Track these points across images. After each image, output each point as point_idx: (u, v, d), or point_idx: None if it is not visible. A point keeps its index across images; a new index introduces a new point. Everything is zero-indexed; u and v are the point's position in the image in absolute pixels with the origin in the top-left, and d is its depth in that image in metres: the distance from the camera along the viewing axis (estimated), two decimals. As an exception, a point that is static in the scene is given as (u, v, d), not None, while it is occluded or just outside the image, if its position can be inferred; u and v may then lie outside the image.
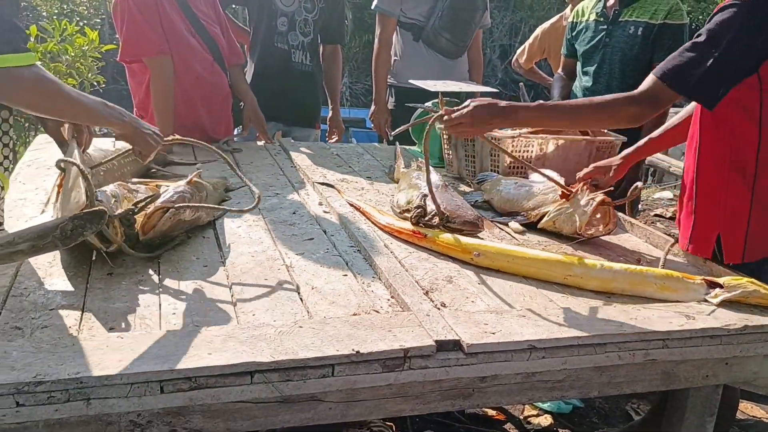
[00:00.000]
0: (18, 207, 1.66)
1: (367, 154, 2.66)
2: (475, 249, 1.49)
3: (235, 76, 2.66)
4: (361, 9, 15.69)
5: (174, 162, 2.20)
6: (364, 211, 1.80)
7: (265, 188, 2.03)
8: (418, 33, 3.06)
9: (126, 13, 2.24)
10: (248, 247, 1.52)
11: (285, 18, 2.83)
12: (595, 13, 2.63)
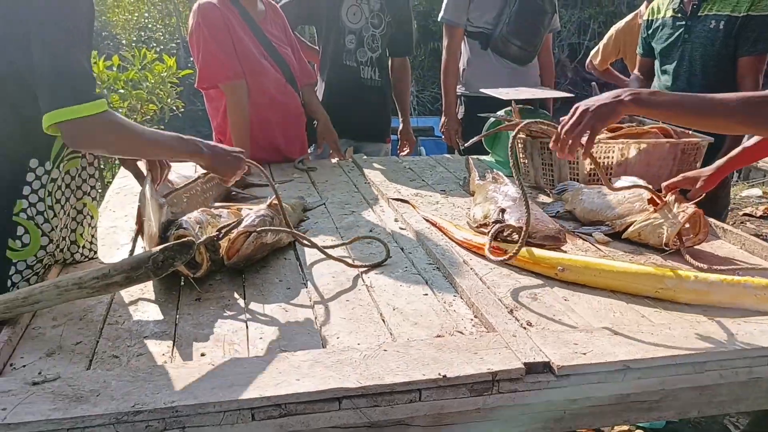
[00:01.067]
0: (110, 235, 1.74)
1: (439, 166, 2.64)
2: (559, 263, 1.45)
3: (307, 96, 2.70)
4: (426, 17, 15.72)
5: (253, 184, 2.25)
6: (441, 227, 1.78)
7: (341, 206, 2.04)
8: (486, 41, 3.03)
9: (201, 41, 2.32)
10: (328, 267, 1.53)
11: (353, 35, 2.86)
12: (672, 10, 2.53)
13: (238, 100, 2.39)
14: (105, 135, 1.28)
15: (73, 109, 1.21)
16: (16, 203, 1.33)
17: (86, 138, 1.26)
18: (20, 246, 1.33)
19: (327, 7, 2.85)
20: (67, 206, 1.45)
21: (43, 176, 1.36)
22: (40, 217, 1.36)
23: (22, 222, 1.33)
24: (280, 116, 2.55)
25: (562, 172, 2.05)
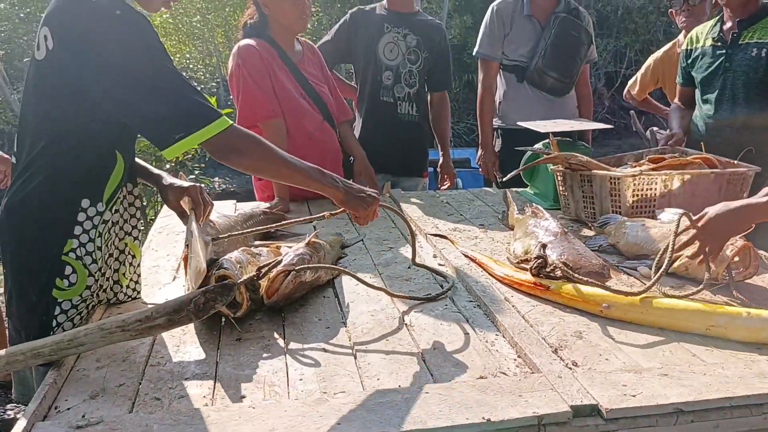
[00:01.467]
0: (152, 274, 1.77)
1: (477, 200, 2.62)
2: (604, 300, 1.41)
3: (344, 133, 2.73)
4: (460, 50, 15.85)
5: (290, 221, 2.26)
6: (480, 262, 1.76)
7: (378, 242, 2.04)
8: (521, 74, 3.03)
9: (241, 82, 2.37)
10: (367, 305, 1.52)
11: (390, 72, 2.89)
12: (711, 38, 2.49)
13: (277, 139, 2.42)
14: (247, 145, 1.34)
15: (210, 127, 1.27)
16: (67, 243, 1.36)
17: (231, 150, 1.32)
18: (67, 285, 1.36)
19: (364, 44, 2.89)
20: (111, 246, 1.48)
21: (95, 217, 1.39)
22: (88, 257, 1.39)
23: (71, 261, 1.36)
24: (317, 153, 2.57)
25: (604, 205, 2.01)
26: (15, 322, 1.39)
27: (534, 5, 2.99)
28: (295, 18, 2.41)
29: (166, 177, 1.69)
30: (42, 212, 1.35)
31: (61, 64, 1.30)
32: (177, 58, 15.75)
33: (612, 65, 18.28)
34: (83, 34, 1.27)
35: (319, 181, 1.45)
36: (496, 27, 3.01)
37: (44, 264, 1.35)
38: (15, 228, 1.36)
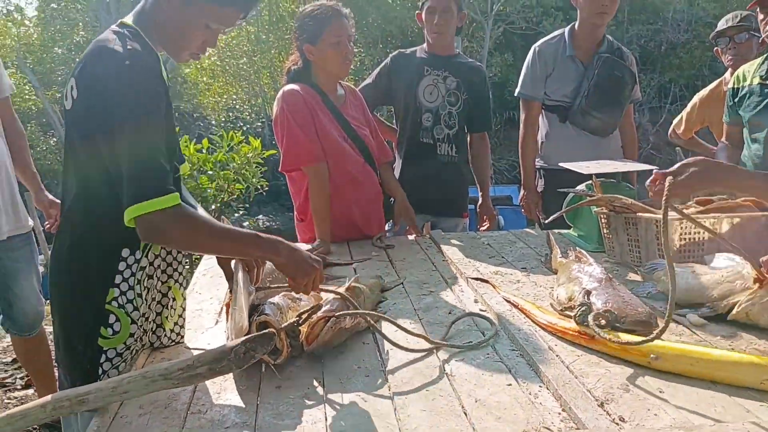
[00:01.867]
0: (196, 318, 1.79)
1: (519, 242, 2.59)
2: (652, 351, 1.36)
3: (384, 174, 2.75)
4: (501, 87, 15.92)
5: (332, 263, 2.28)
6: (523, 308, 1.73)
7: (419, 286, 2.03)
8: (564, 114, 3.01)
9: (285, 126, 2.42)
10: (407, 353, 1.50)
11: (429, 113, 2.92)
12: (759, 77, 2.44)
13: (320, 181, 2.46)
14: (175, 229, 1.30)
15: (143, 204, 1.25)
16: (109, 292, 1.39)
17: (158, 233, 1.30)
18: (111, 334, 1.39)
19: (404, 87, 2.93)
20: (153, 291, 1.50)
21: (134, 265, 1.42)
22: (129, 305, 1.41)
23: (114, 310, 1.39)
24: (358, 195, 2.60)
25: (650, 249, 1.96)
26: (63, 369, 1.42)
27: (577, 46, 2.99)
28: (338, 64, 2.46)
29: None
30: (85, 262, 1.39)
31: (82, 113, 1.34)
32: (224, 98, 16.26)
33: (656, 100, 18.08)
34: (96, 83, 1.31)
35: (260, 249, 1.44)
36: (539, 68, 3.01)
37: (89, 313, 1.38)
38: (62, 276, 1.41)
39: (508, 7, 17.21)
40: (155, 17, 1.42)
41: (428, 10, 2.86)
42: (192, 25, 1.42)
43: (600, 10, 2.88)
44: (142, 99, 1.30)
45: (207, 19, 1.41)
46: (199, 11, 1.40)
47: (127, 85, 1.29)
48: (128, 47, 1.33)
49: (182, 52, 1.48)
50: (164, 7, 1.40)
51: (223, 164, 4.37)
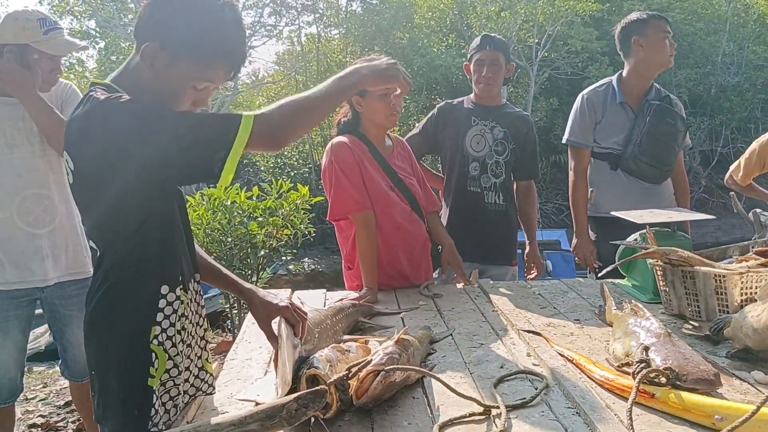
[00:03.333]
0: (245, 368, 1.79)
1: (571, 292, 2.54)
2: (716, 411, 1.30)
3: (432, 222, 2.75)
4: (547, 131, 15.91)
5: (379, 312, 2.27)
6: (578, 363, 1.68)
7: (468, 338, 1.99)
8: (615, 162, 2.98)
9: (334, 177, 2.46)
10: (458, 409, 1.46)
11: (476, 163, 2.92)
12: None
13: (367, 230, 2.48)
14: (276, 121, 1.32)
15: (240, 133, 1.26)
16: (151, 330, 1.37)
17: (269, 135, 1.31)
18: (154, 372, 1.37)
19: (451, 137, 2.96)
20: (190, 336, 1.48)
21: (175, 302, 1.41)
22: (168, 342, 1.39)
23: (154, 348, 1.37)
24: (405, 244, 2.61)
25: (709, 303, 1.89)
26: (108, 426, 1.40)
27: (627, 93, 2.97)
28: (386, 116, 2.51)
29: (258, 294, 1.66)
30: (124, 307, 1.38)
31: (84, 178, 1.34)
32: (271, 145, 16.64)
33: (707, 144, 17.77)
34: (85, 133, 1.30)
35: (343, 81, 1.43)
36: (587, 115, 3.00)
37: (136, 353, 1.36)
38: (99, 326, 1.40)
39: (553, 53, 17.30)
40: (140, 77, 1.38)
41: (476, 62, 2.91)
42: (178, 87, 1.38)
43: (672, 53, 2.88)
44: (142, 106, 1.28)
45: (192, 80, 1.38)
46: (184, 73, 1.36)
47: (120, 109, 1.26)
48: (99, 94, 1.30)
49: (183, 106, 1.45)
50: (148, 69, 1.36)
51: (273, 211, 4.45)
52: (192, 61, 1.35)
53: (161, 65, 1.35)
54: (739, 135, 18.01)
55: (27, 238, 2.48)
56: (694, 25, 18.13)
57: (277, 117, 1.33)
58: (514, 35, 16.51)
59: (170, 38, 1.33)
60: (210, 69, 1.38)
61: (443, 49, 17.37)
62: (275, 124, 1.33)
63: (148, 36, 1.35)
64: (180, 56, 1.34)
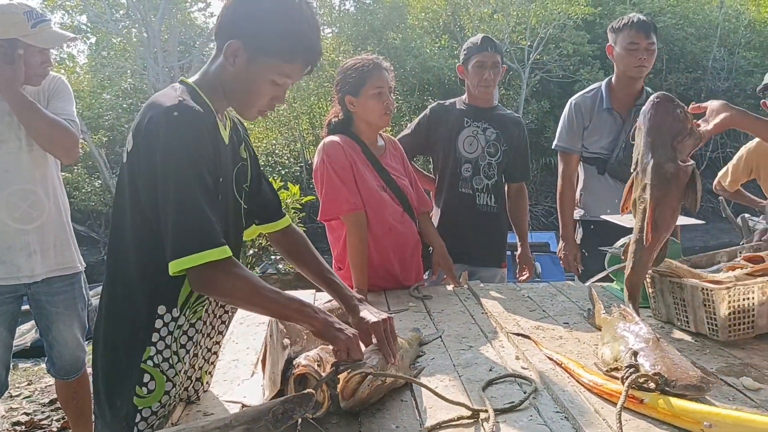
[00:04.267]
0: (232, 369, 1.78)
1: (560, 295, 2.54)
2: (705, 418, 1.30)
3: (423, 223, 2.75)
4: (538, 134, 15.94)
5: (369, 314, 2.25)
6: (566, 367, 1.67)
7: (458, 340, 1.99)
8: (602, 166, 2.99)
9: (326, 177, 2.45)
10: (446, 412, 1.46)
11: (469, 164, 2.92)
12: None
13: (358, 230, 2.47)
14: (227, 282, 1.29)
15: (196, 256, 1.25)
16: (146, 350, 1.37)
17: (210, 285, 1.29)
18: (146, 393, 1.37)
19: (444, 138, 2.95)
20: (198, 349, 1.48)
21: (170, 323, 1.39)
22: (165, 363, 1.39)
23: (149, 369, 1.37)
24: (397, 244, 2.60)
25: (698, 314, 1.89)
26: (100, 422, 1.41)
27: (614, 98, 2.98)
28: (378, 114, 2.50)
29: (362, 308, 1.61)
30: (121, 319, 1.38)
31: (134, 165, 1.35)
32: (264, 143, 16.61)
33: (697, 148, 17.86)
34: (146, 136, 1.31)
35: (300, 312, 1.39)
36: (575, 121, 3.01)
37: (125, 371, 1.37)
38: (101, 331, 1.41)
39: (545, 56, 17.35)
40: (222, 76, 1.43)
41: (476, 64, 2.88)
42: (258, 83, 1.41)
43: (637, 64, 2.87)
44: (189, 149, 1.29)
45: (272, 75, 1.41)
46: (264, 68, 1.40)
47: (173, 134, 1.28)
48: (179, 99, 1.33)
49: (250, 109, 1.47)
50: (230, 66, 1.40)
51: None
52: (272, 57, 1.39)
53: (242, 62, 1.39)
54: (728, 140, 18.13)
55: (14, 234, 2.45)
56: (686, 30, 18.22)
57: (229, 285, 1.30)
58: (507, 37, 16.54)
59: (252, 35, 1.37)
60: (289, 64, 1.41)
61: (436, 50, 17.38)
62: (224, 285, 1.30)
63: (230, 34, 1.39)
64: (261, 52, 1.38)
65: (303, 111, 15.62)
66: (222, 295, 1.37)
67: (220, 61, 1.42)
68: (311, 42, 1.43)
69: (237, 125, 1.58)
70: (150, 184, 1.30)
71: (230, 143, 1.48)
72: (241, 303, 1.41)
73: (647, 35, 2.85)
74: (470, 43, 2.96)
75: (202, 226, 1.27)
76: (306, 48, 1.42)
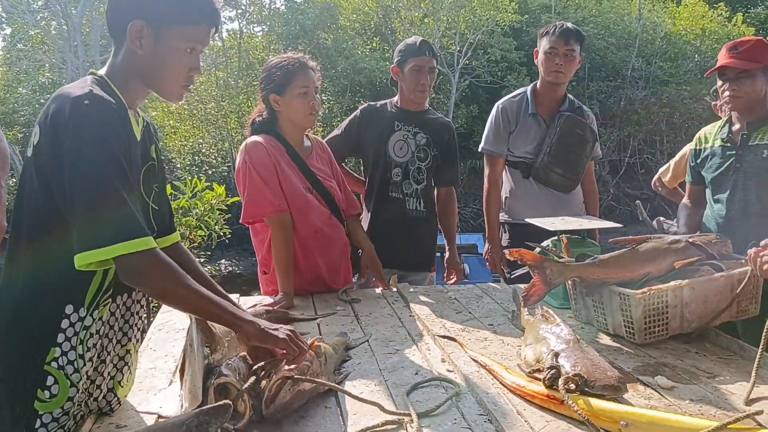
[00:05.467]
0: (148, 378, 1.70)
1: (486, 296, 2.57)
2: (622, 418, 1.33)
3: (352, 226, 2.72)
4: (467, 137, 16.20)
5: (295, 319, 2.21)
6: (491, 369, 1.69)
7: (385, 344, 1.97)
8: (527, 170, 3.04)
9: (248, 178, 2.38)
10: (371, 418, 1.44)
11: (399, 168, 2.91)
12: (720, 139, 2.50)
13: (283, 233, 2.41)
14: (155, 273, 1.28)
15: (118, 246, 1.22)
16: (50, 351, 1.29)
17: (138, 275, 1.27)
18: (48, 397, 1.29)
19: (374, 141, 2.93)
20: (104, 354, 1.41)
21: (77, 323, 1.32)
22: (70, 366, 1.32)
23: (53, 371, 1.30)
24: (324, 247, 2.56)
25: (615, 318, 1.95)
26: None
27: (539, 104, 3.04)
28: (303, 114, 2.45)
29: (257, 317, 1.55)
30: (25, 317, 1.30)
31: (41, 159, 1.29)
32: (190, 142, 16.17)
33: (616, 154, 18.60)
34: (53, 126, 1.27)
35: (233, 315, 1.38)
36: (501, 125, 3.05)
37: (26, 372, 1.29)
38: (7, 331, 1.32)
39: (474, 61, 17.66)
40: (133, 63, 1.40)
41: (414, 68, 2.85)
42: (171, 55, 1.39)
43: (554, 69, 2.94)
44: (101, 136, 1.25)
45: (182, 43, 1.39)
46: (172, 38, 1.38)
47: (84, 122, 1.25)
48: (89, 89, 1.29)
49: (173, 87, 1.45)
50: (138, 49, 1.38)
51: (186, 211, 4.29)
52: (176, 23, 1.38)
53: (149, 40, 1.37)
54: (646, 146, 18.98)
55: None
56: (607, 40, 18.93)
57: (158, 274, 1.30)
58: (437, 42, 16.73)
59: (149, 9, 1.36)
60: (194, 26, 1.40)
61: (368, 51, 17.39)
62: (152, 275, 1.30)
63: (127, 18, 1.36)
64: (164, 22, 1.37)
65: (231, 110, 15.30)
66: (151, 288, 1.34)
67: (126, 48, 1.39)
68: (209, 3, 1.42)
69: (150, 125, 1.54)
70: (60, 177, 1.25)
71: (142, 140, 1.44)
72: (170, 298, 1.37)
73: (566, 42, 2.92)
74: (407, 45, 2.92)
75: (124, 214, 1.25)
76: (204, 6, 1.41)
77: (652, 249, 2.02)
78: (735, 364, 1.78)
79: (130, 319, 1.47)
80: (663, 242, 2.05)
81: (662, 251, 2.01)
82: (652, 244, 2.03)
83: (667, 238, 2.08)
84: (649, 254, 2.01)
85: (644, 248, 2.02)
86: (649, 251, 2.01)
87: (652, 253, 2.01)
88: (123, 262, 1.24)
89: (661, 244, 2.03)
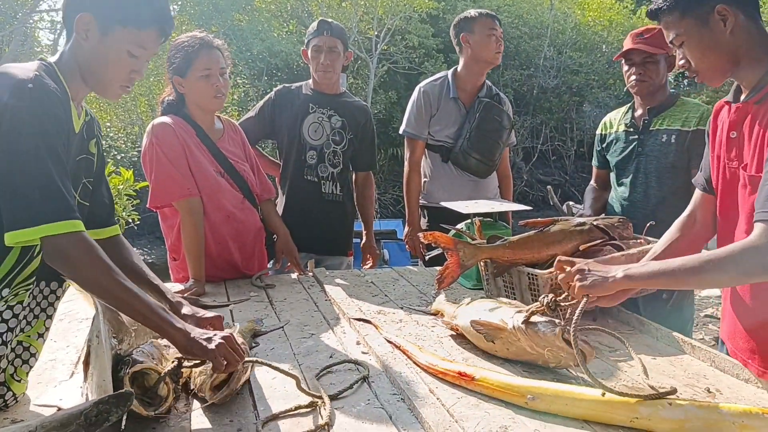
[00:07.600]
0: (47, 370, 1.61)
1: (402, 279, 2.59)
2: (529, 392, 1.38)
3: (266, 211, 2.67)
4: (386, 124, 16.28)
5: (206, 305, 2.15)
6: (404, 350, 1.71)
7: (300, 328, 1.95)
8: (446, 154, 3.08)
9: (155, 160, 2.29)
10: (285, 402, 1.42)
11: (314, 151, 2.88)
12: (623, 124, 2.62)
13: (193, 218, 2.34)
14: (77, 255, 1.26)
15: (48, 226, 1.22)
16: None
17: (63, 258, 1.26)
18: None
19: (288, 123, 2.88)
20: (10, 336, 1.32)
21: None
22: None
23: None
24: (237, 232, 2.50)
25: (524, 297, 2.01)
26: None
27: (459, 89, 3.08)
28: (208, 97, 2.37)
29: (186, 306, 1.61)
30: None
31: None
32: (97, 126, 15.40)
33: (529, 141, 19.21)
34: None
35: (160, 317, 1.34)
36: (423, 108, 3.07)
37: None
38: None
39: (392, 47, 17.72)
40: (77, 57, 1.41)
41: (314, 48, 2.83)
42: (114, 55, 1.40)
43: (497, 50, 3.01)
44: (40, 120, 1.25)
45: (127, 45, 1.40)
46: (118, 38, 1.39)
47: (24, 105, 1.24)
48: (35, 74, 1.29)
49: (110, 86, 1.45)
50: (83, 44, 1.39)
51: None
52: (124, 27, 1.39)
53: (95, 35, 1.38)
54: (557, 134, 19.71)
55: None
56: (520, 29, 19.45)
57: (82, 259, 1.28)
58: (355, 26, 16.68)
59: (101, 4, 1.38)
60: (143, 31, 1.41)
61: (284, 34, 17.11)
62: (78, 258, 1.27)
63: (79, 8, 1.38)
64: (112, 20, 1.38)
65: (141, 92, 14.66)
66: (74, 272, 1.31)
67: (73, 39, 1.40)
68: (161, 6, 1.43)
69: (93, 120, 1.54)
70: None
71: (80, 134, 1.44)
72: (93, 287, 1.33)
73: (500, 25, 3.04)
74: (311, 27, 2.91)
75: (54, 195, 1.24)
76: (157, 12, 1.42)
77: (559, 231, 2.09)
78: (635, 338, 1.87)
79: (48, 309, 1.42)
80: (569, 225, 2.12)
81: (568, 233, 2.08)
82: (559, 227, 2.11)
83: (574, 221, 2.16)
84: (557, 236, 2.08)
85: (552, 231, 2.10)
86: (556, 233, 2.08)
87: (559, 236, 2.08)
88: (47, 243, 1.24)
89: (567, 227, 2.11)
